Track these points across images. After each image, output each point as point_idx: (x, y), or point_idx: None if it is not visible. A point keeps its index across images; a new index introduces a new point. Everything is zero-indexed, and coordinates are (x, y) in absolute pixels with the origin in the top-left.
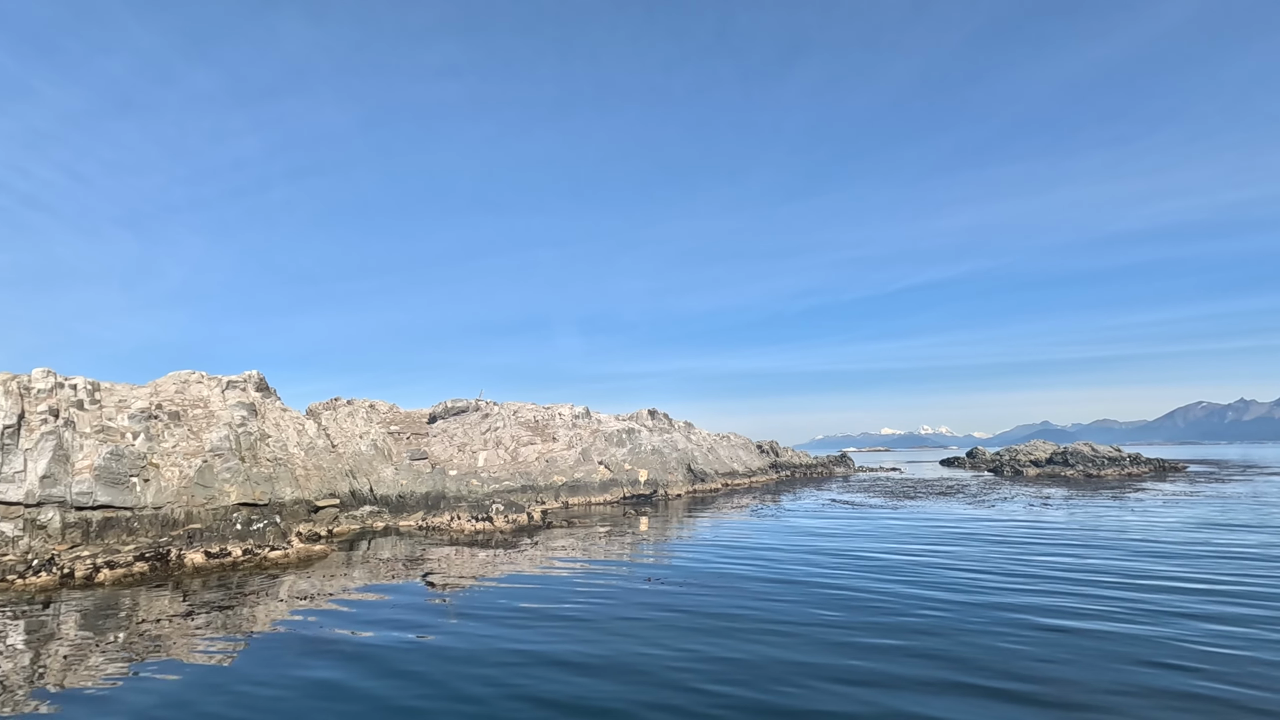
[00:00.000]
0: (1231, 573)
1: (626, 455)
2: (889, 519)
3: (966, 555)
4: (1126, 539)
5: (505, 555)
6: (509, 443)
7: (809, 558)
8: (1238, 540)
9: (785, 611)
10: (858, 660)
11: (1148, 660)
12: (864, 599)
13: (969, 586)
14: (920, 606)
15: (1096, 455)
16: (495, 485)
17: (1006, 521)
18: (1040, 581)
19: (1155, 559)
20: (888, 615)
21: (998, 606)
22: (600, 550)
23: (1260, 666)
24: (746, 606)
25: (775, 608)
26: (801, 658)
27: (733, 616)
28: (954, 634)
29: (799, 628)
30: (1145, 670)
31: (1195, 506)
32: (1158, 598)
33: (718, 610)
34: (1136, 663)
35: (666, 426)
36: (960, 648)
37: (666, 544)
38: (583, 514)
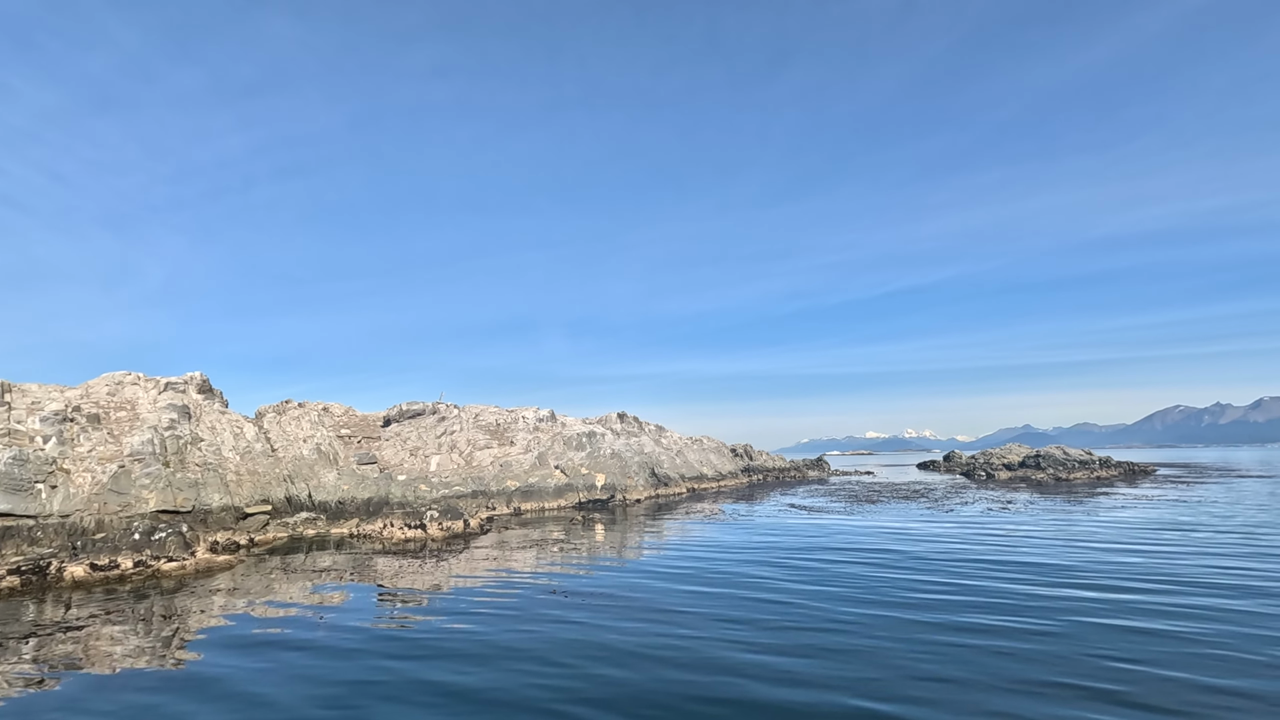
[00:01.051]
0: (1130, 581)
1: (584, 459)
2: (838, 525)
3: (885, 562)
4: (1048, 549)
5: (423, 565)
6: (464, 446)
7: (733, 567)
8: (1164, 551)
9: (677, 628)
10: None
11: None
12: (767, 607)
13: (879, 593)
14: (820, 616)
15: (1068, 459)
16: (445, 490)
17: (950, 526)
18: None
19: (1053, 571)
20: (788, 627)
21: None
22: (526, 559)
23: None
24: (637, 621)
25: (678, 618)
26: (675, 675)
27: (617, 633)
28: (860, 651)
29: (681, 648)
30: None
31: (1150, 510)
32: (1014, 620)
33: (604, 627)
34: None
35: (635, 430)
36: (858, 662)
37: (596, 552)
38: (533, 520)
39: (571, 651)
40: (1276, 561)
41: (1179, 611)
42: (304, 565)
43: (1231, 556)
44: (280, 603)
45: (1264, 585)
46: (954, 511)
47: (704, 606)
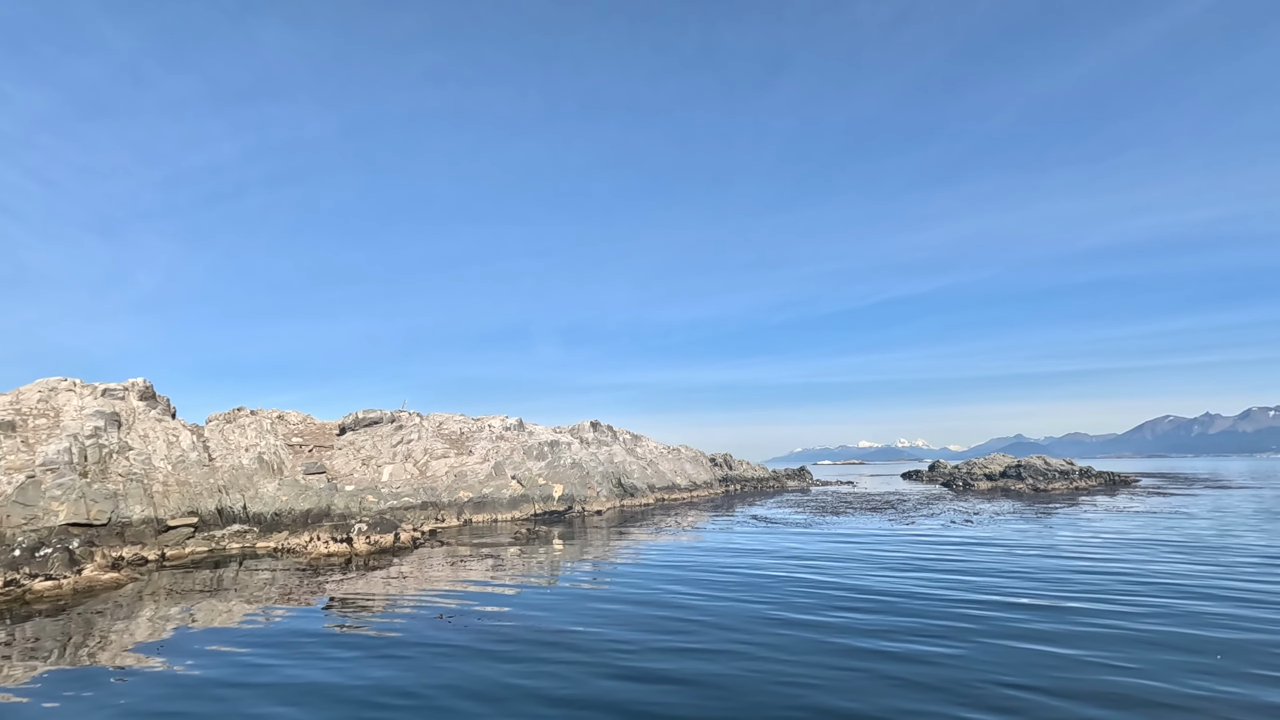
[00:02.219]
0: (1054, 598)
1: (543, 469)
2: (789, 538)
3: (814, 579)
4: (987, 563)
5: (325, 583)
6: (420, 456)
7: (658, 584)
8: (1104, 567)
9: (563, 652)
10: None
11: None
12: (667, 626)
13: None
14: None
15: (1049, 469)
16: (394, 501)
17: (901, 539)
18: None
19: (980, 588)
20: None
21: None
22: (444, 577)
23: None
24: (519, 645)
25: (571, 639)
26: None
27: (489, 661)
28: (739, 679)
29: (555, 675)
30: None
31: (1115, 522)
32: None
33: (484, 652)
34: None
35: (607, 439)
36: (728, 691)
37: (527, 568)
38: (482, 532)
39: (403, 694)
40: (1219, 581)
41: (1091, 634)
42: (198, 584)
43: (1173, 576)
44: (105, 640)
45: (1195, 609)
46: (914, 524)
47: (602, 627)
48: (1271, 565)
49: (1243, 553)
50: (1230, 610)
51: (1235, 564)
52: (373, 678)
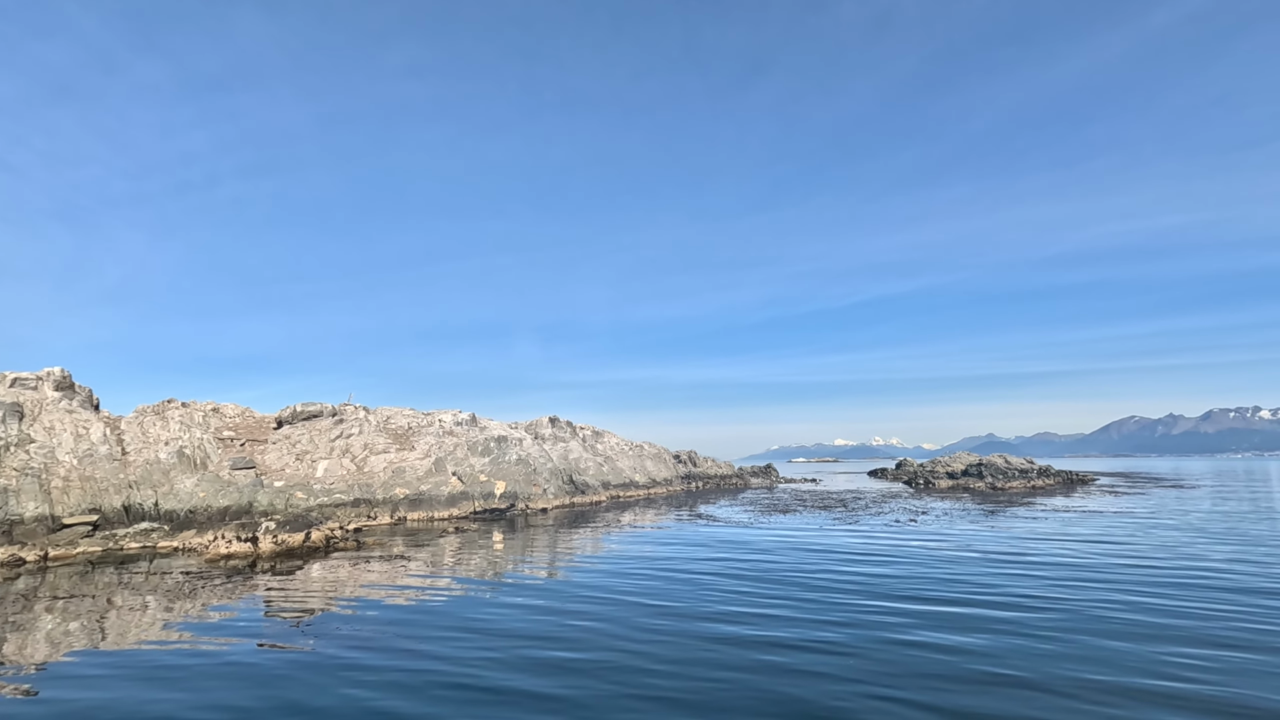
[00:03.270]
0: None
1: (487, 465)
2: (725, 536)
3: (728, 573)
4: (906, 561)
5: (210, 588)
6: (359, 451)
7: (559, 585)
8: (1022, 566)
9: (419, 662)
10: None
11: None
12: (534, 629)
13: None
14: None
15: (1009, 468)
16: (324, 498)
17: (836, 537)
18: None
19: (892, 584)
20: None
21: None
22: (339, 580)
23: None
24: (329, 667)
25: (422, 655)
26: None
27: (312, 675)
28: (593, 670)
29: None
30: None
31: (1055, 522)
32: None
33: (314, 665)
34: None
35: (566, 435)
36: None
37: (435, 571)
38: (416, 530)
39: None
40: (1129, 573)
41: (988, 626)
42: (52, 589)
43: (1082, 569)
44: None
45: (1087, 605)
46: (859, 522)
47: (457, 645)
48: (1174, 563)
49: (1158, 550)
50: (1118, 600)
51: (1143, 561)
52: (133, 700)
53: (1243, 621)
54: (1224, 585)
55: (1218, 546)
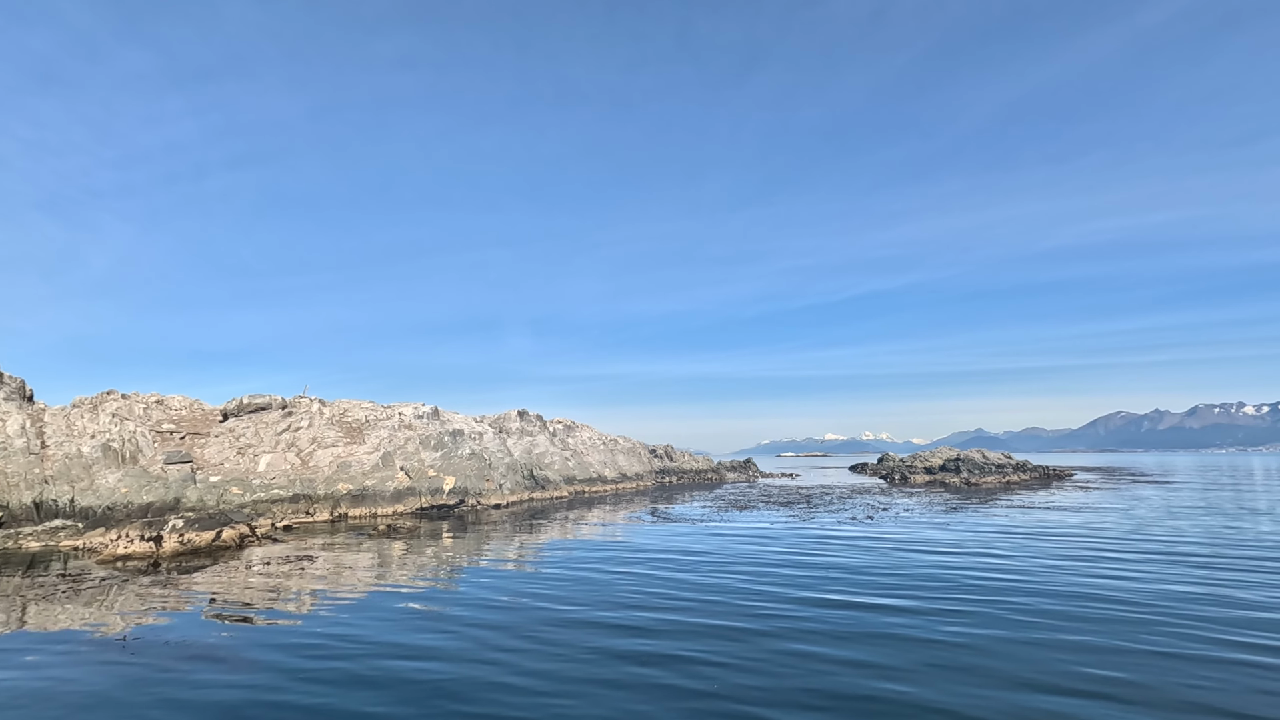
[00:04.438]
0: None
1: (437, 460)
2: (663, 534)
3: (648, 574)
4: (829, 559)
5: (79, 594)
6: (306, 445)
7: (462, 589)
8: (951, 564)
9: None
10: None
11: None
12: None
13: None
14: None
15: (986, 462)
16: (262, 494)
17: (780, 532)
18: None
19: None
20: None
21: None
22: (230, 583)
23: None
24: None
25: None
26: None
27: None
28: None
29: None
30: None
31: (1016, 517)
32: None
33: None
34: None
35: (534, 429)
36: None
37: (336, 575)
38: (357, 528)
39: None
40: (1063, 576)
41: (860, 633)
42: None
43: (1009, 573)
44: None
45: (1000, 609)
46: (811, 520)
47: (286, 658)
48: (1113, 563)
49: (1109, 549)
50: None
51: (1085, 560)
52: None
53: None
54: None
55: (1147, 544)
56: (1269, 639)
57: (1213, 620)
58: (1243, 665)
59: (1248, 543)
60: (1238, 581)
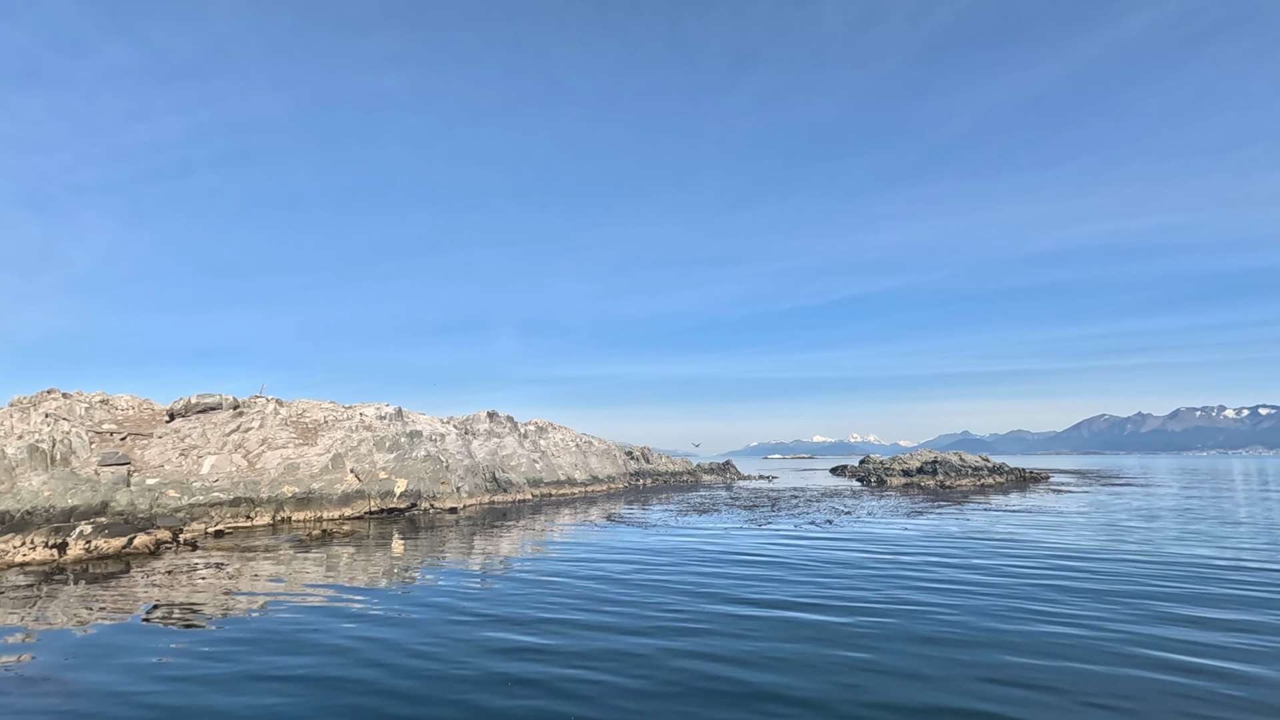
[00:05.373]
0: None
1: (390, 461)
2: (609, 539)
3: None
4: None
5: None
6: (255, 446)
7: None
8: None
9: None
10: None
11: None
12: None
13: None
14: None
15: (963, 465)
16: (201, 497)
17: (727, 539)
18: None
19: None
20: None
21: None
22: (119, 596)
23: None
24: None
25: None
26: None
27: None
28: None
29: None
30: None
31: (974, 520)
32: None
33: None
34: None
35: (503, 430)
36: None
37: (226, 586)
38: (293, 532)
39: None
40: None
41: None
42: None
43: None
44: None
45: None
46: (769, 524)
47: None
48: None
49: (1058, 553)
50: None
51: (1023, 563)
52: None
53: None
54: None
55: (1090, 546)
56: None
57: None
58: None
59: (1104, 569)
60: (1000, 610)
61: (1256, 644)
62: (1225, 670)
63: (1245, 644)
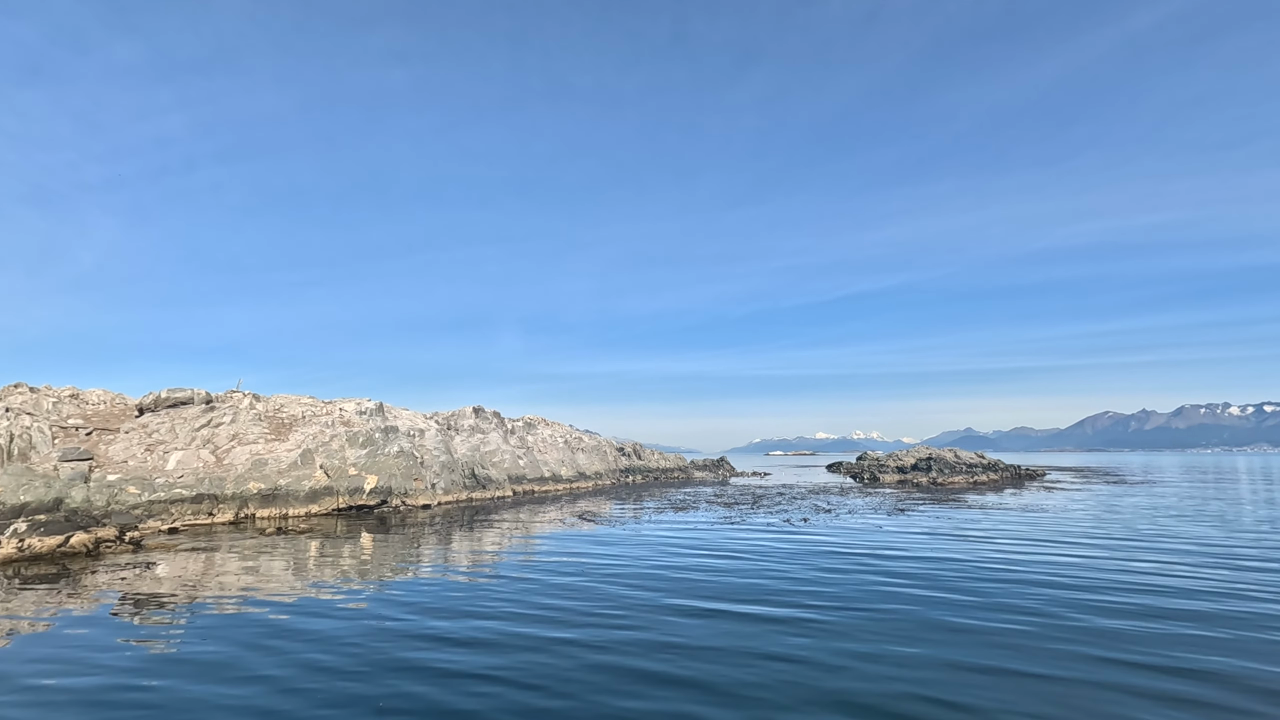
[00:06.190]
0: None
1: (362, 457)
2: (570, 539)
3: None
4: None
5: None
6: (225, 442)
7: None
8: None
9: None
10: None
11: None
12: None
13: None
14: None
15: (958, 462)
16: (162, 493)
17: (686, 537)
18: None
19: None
20: None
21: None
22: (33, 600)
23: None
24: None
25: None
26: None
27: None
28: None
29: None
30: None
31: (951, 519)
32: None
33: None
34: None
35: (489, 426)
36: None
37: (149, 591)
38: (262, 529)
39: None
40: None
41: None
42: None
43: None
44: None
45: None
46: (744, 522)
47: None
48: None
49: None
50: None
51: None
52: None
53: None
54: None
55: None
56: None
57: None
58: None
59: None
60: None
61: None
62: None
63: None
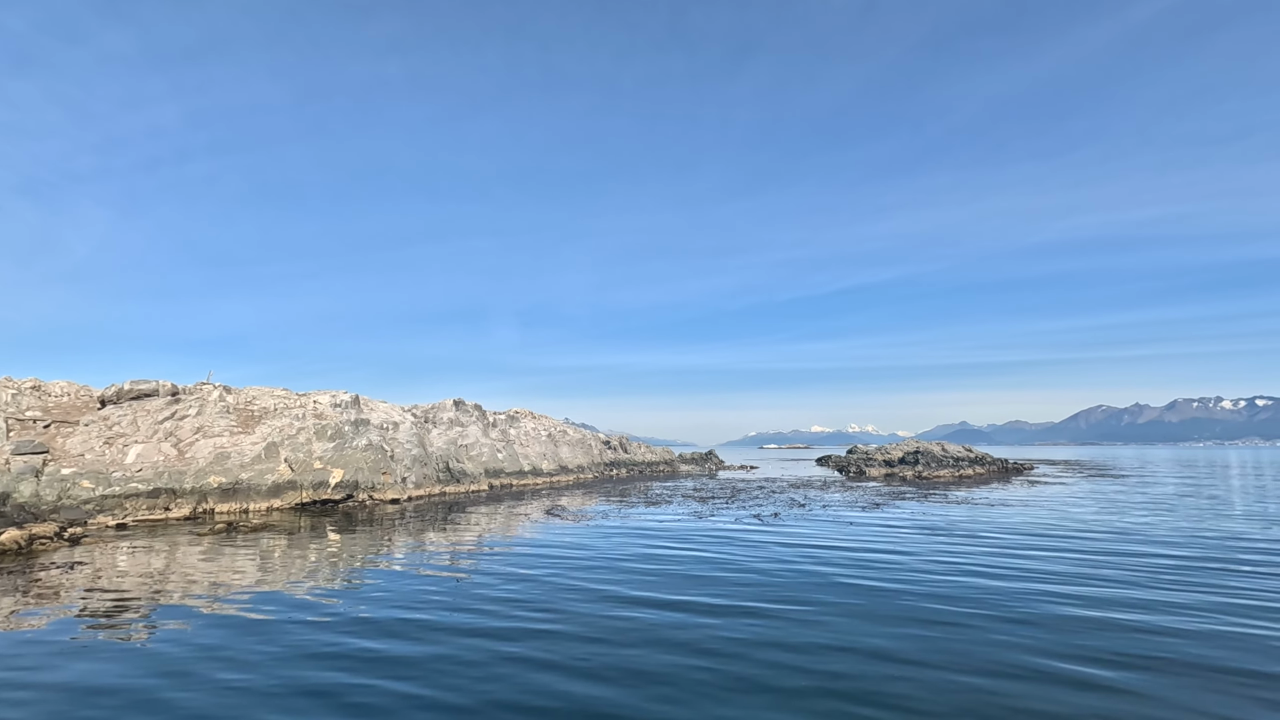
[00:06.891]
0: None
1: (329, 451)
2: (536, 534)
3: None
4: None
5: None
6: (188, 435)
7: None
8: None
9: None
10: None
11: None
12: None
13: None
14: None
15: (944, 455)
16: (117, 488)
17: (634, 536)
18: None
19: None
20: None
21: None
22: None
23: None
24: None
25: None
26: None
27: None
28: None
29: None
30: None
31: (916, 516)
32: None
33: None
34: None
35: (469, 419)
36: None
37: (60, 590)
38: (224, 524)
39: None
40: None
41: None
42: None
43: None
44: None
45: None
46: (714, 517)
47: None
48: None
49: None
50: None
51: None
52: None
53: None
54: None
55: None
56: None
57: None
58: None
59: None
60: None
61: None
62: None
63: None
